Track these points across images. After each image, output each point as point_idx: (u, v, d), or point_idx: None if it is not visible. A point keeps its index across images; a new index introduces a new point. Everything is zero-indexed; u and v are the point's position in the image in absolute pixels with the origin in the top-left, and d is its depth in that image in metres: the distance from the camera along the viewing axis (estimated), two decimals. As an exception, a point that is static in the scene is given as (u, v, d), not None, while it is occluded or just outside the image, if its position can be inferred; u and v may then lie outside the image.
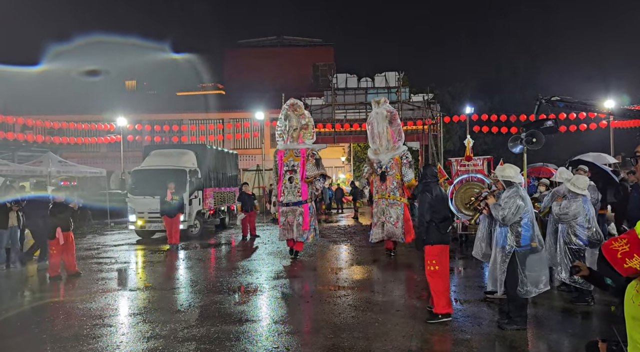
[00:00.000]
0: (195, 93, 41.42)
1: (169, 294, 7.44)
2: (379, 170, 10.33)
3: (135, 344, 5.15)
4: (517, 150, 9.13)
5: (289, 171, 10.37)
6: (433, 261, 5.70)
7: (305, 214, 10.21)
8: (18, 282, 8.82)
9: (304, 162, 10.35)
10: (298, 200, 10.23)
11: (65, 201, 8.92)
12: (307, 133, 10.58)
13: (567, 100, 9.74)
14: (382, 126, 10.32)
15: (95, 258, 10.92)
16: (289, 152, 10.51)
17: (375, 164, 10.49)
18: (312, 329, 5.54)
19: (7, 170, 15.12)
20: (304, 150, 10.43)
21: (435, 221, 5.64)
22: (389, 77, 26.27)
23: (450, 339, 5.27)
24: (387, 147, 10.33)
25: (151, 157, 14.99)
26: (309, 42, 42.78)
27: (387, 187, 10.20)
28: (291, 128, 10.51)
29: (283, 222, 10.31)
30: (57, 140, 20.91)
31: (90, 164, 25.15)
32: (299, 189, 10.26)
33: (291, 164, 10.40)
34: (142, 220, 13.66)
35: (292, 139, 10.51)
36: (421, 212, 5.72)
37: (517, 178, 5.55)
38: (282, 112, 10.75)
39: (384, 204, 10.22)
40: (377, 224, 10.31)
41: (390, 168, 10.23)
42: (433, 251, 5.71)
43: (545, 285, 5.38)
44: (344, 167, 35.06)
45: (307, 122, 10.56)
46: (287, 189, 10.32)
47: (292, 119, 10.55)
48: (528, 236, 5.37)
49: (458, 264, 9.48)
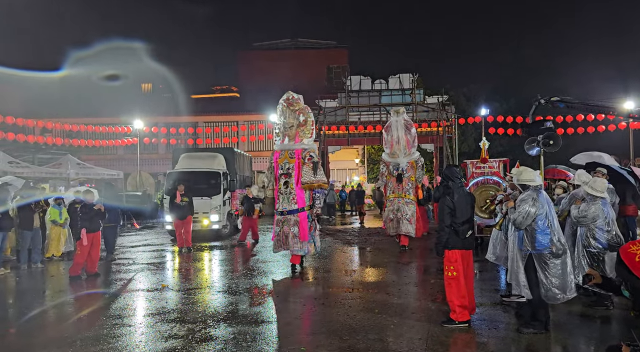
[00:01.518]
0: (210, 96, 41.84)
1: (186, 294, 7.53)
2: (395, 172, 11.47)
3: (155, 344, 5.24)
4: (534, 153, 9.05)
5: (284, 175, 9.17)
6: (451, 266, 5.59)
7: (302, 224, 8.99)
8: (39, 282, 9.02)
9: (299, 164, 9.11)
10: (293, 208, 9.02)
11: (92, 203, 9.09)
12: (305, 131, 9.30)
13: (567, 101, 9.53)
14: (400, 133, 11.50)
15: (113, 259, 11.09)
16: (284, 153, 9.32)
17: (392, 166, 11.61)
18: (327, 330, 5.56)
19: (27, 172, 15.45)
20: (299, 151, 9.17)
21: (454, 225, 5.52)
22: (403, 79, 26.18)
23: (466, 342, 5.25)
24: (404, 153, 11.49)
25: (184, 159, 15.41)
26: (323, 45, 42.92)
27: (402, 187, 11.35)
28: (287, 125, 9.35)
29: (277, 233, 9.20)
30: (75, 143, 21.31)
31: (107, 166, 25.58)
32: (294, 196, 9.03)
33: (286, 166, 9.19)
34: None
35: (289, 138, 9.34)
36: (441, 217, 5.59)
37: (534, 181, 5.49)
38: (278, 107, 9.60)
39: (400, 202, 11.36)
40: (393, 219, 11.42)
41: (407, 171, 11.41)
42: (452, 255, 5.59)
43: (573, 291, 5.29)
44: (357, 169, 35.05)
45: (305, 119, 9.34)
46: (282, 195, 9.13)
47: (289, 116, 9.39)
48: (545, 239, 5.30)
49: (474, 267, 9.40)
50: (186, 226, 12.19)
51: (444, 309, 6.09)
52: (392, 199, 11.53)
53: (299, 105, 9.36)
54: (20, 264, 10.07)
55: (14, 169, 14.93)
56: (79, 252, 8.79)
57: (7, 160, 15.17)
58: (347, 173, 35.32)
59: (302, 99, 9.53)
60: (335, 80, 36.60)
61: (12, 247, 10.74)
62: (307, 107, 9.42)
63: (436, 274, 8.52)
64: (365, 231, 16.25)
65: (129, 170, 26.83)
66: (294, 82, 34.33)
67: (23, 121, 17.21)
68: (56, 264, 10.59)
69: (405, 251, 11.35)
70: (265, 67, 38.57)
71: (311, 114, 9.44)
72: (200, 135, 27.12)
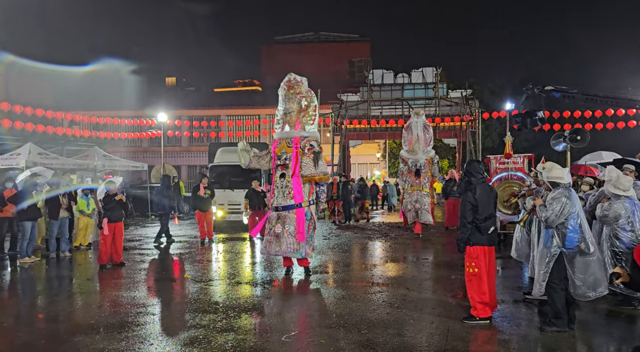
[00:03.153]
0: (233, 89, 42.19)
1: (208, 285, 7.66)
2: (413, 168, 12.89)
3: (177, 332, 5.36)
4: (560, 148, 8.86)
5: (281, 166, 8.21)
6: (472, 263, 5.52)
7: (299, 222, 7.97)
8: (67, 270, 9.29)
9: (297, 154, 8.09)
10: (290, 203, 8.00)
11: (115, 193, 9.29)
12: (306, 117, 8.29)
13: (564, 91, 9.08)
14: (419, 133, 12.90)
15: (137, 249, 11.35)
16: (282, 142, 8.33)
17: (410, 162, 12.98)
18: (346, 323, 5.59)
19: (56, 163, 15.86)
20: (297, 139, 8.12)
21: (476, 221, 5.44)
22: (426, 72, 25.86)
23: (487, 339, 5.21)
24: (422, 150, 12.89)
25: (221, 153, 15.88)
26: (345, 38, 42.70)
27: (420, 181, 12.86)
28: (288, 111, 8.32)
29: (268, 231, 8.22)
30: (102, 135, 21.77)
31: (132, 158, 26.09)
32: (291, 189, 8.05)
33: (283, 156, 8.22)
34: (223, 211, 14.51)
35: (288, 125, 8.32)
36: (462, 213, 5.50)
37: (564, 179, 5.38)
38: (279, 92, 8.59)
39: (418, 194, 12.85)
40: (411, 210, 12.92)
41: (424, 166, 12.88)
42: (473, 252, 5.51)
43: (604, 288, 5.21)
44: (379, 164, 34.88)
45: (307, 104, 8.32)
46: (278, 189, 8.16)
47: (288, 100, 8.36)
48: (575, 238, 5.20)
49: (496, 263, 9.29)
50: (208, 217, 12.37)
51: (465, 305, 6.04)
52: (410, 192, 12.99)
53: (300, 89, 8.33)
54: (49, 252, 10.38)
55: (44, 160, 15.34)
56: (102, 241, 9.03)
57: (37, 152, 15.59)
58: (368, 168, 35.18)
59: (306, 82, 8.48)
60: (358, 74, 36.41)
61: (42, 236, 11.10)
62: (310, 91, 8.43)
63: (457, 270, 8.44)
64: (385, 226, 16.19)
65: (153, 163, 27.32)
66: (316, 76, 34.36)
67: (52, 114, 17.65)
68: (83, 253, 10.90)
69: (419, 238, 12.67)
70: (288, 60, 38.58)
71: (314, 99, 8.47)
72: (222, 128, 27.38)
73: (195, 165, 33.93)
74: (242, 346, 4.88)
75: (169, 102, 30.17)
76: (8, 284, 8.36)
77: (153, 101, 28.38)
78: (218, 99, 38.00)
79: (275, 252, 8.15)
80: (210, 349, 4.81)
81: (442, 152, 32.28)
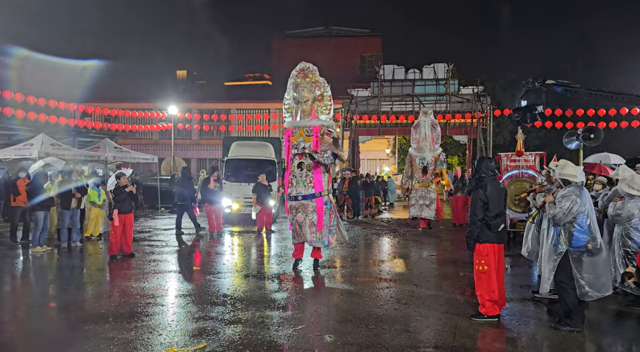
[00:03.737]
0: (243, 83, 42.26)
1: (216, 278, 7.71)
2: (421, 165, 13.52)
3: (185, 324, 5.41)
4: (573, 146, 8.77)
5: (298, 155, 8.12)
6: (482, 260, 5.48)
7: (319, 211, 7.98)
8: (78, 260, 9.41)
9: (317, 142, 8.01)
10: (310, 192, 7.99)
11: (126, 185, 9.36)
12: (321, 106, 8.30)
13: (566, 85, 8.83)
14: (427, 132, 13.54)
15: (147, 241, 11.45)
16: (298, 130, 8.22)
17: (418, 159, 13.63)
18: (354, 318, 5.60)
19: (68, 154, 16.03)
20: (317, 128, 8.10)
21: (487, 218, 5.39)
22: (437, 68, 25.64)
23: (495, 336, 5.19)
24: (430, 148, 13.53)
25: (236, 147, 16.02)
26: (356, 33, 42.49)
27: (427, 178, 13.46)
28: (302, 100, 8.21)
29: (291, 221, 8.24)
30: (113, 127, 21.92)
31: (142, 151, 26.26)
32: (312, 178, 7.99)
33: (301, 146, 8.13)
34: (239, 204, 14.59)
35: (303, 114, 8.24)
36: (473, 210, 5.46)
37: (577, 177, 5.31)
38: (290, 80, 8.51)
39: (423, 191, 13.45)
40: (416, 205, 13.55)
41: (431, 164, 13.52)
42: (483, 249, 5.47)
43: (607, 289, 5.16)
44: (388, 160, 34.77)
45: (322, 93, 8.32)
46: (296, 178, 8.08)
47: (303, 89, 8.24)
48: (583, 237, 5.15)
49: (505, 261, 9.24)
50: (217, 211, 12.42)
51: (473, 302, 6.02)
52: (417, 188, 13.61)
53: (316, 77, 8.28)
54: (61, 242, 10.52)
55: (56, 151, 15.51)
56: (112, 232, 9.12)
57: (50, 143, 15.75)
58: (377, 163, 35.10)
59: (318, 72, 8.43)
60: (368, 69, 36.24)
61: (54, 226, 11.24)
62: (324, 81, 8.40)
63: (465, 267, 8.41)
64: (394, 222, 16.16)
65: (163, 155, 27.51)
66: (326, 70, 34.28)
67: (65, 105, 17.80)
68: (94, 243, 11.02)
69: (425, 231, 13.28)
70: (298, 55, 38.25)
71: (328, 89, 8.40)
72: (232, 122, 27.44)
73: (205, 158, 34.07)
74: (250, 339, 4.91)
75: (179, 95, 30.30)
76: (20, 272, 8.48)
77: (164, 94, 28.52)
78: (228, 92, 38.08)
79: (301, 241, 8.19)
80: (218, 341, 4.85)
81: (452, 149, 32.09)
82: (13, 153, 15.37)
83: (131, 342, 4.79)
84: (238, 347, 4.67)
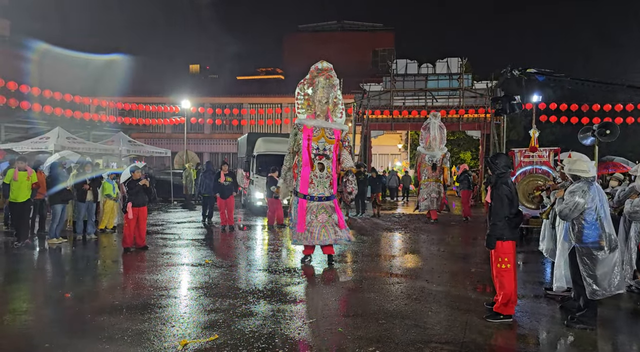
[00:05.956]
0: (255, 77, 42.33)
1: (228, 271, 7.78)
2: (430, 162, 14.89)
3: (198, 316, 5.47)
4: (588, 143, 8.65)
5: (319, 156, 8.26)
6: (505, 258, 5.34)
7: (338, 211, 8.42)
8: (93, 252, 9.56)
9: (337, 147, 8.41)
10: (330, 194, 8.27)
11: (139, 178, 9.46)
12: (337, 110, 8.53)
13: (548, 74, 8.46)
14: (436, 132, 14.99)
15: (160, 233, 11.59)
16: (319, 131, 8.31)
17: (428, 157, 14.96)
18: (364, 313, 5.62)
19: (83, 147, 16.27)
20: (338, 132, 8.42)
21: (510, 215, 5.26)
22: (451, 63, 25.41)
23: (506, 333, 5.16)
24: (438, 147, 14.96)
25: (263, 143, 16.67)
26: (369, 27, 42.30)
27: (436, 174, 14.86)
28: (323, 100, 8.33)
29: (309, 222, 8.16)
30: (127, 121, 22.18)
31: (155, 144, 26.52)
32: (332, 181, 8.30)
33: (322, 147, 8.29)
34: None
35: (322, 115, 8.37)
36: (498, 207, 5.28)
37: (587, 173, 5.24)
38: (308, 76, 8.47)
39: (433, 185, 14.84)
40: (427, 198, 14.80)
41: (439, 161, 14.90)
42: (506, 247, 5.33)
43: (619, 288, 5.06)
44: (400, 155, 34.62)
45: (337, 95, 8.56)
46: (317, 179, 8.21)
47: (324, 89, 8.35)
48: (593, 234, 5.07)
49: (518, 258, 9.17)
50: (229, 204, 12.49)
51: (484, 299, 6.00)
52: (427, 183, 14.93)
53: (335, 80, 8.44)
54: (76, 234, 10.69)
55: (71, 144, 15.74)
56: (126, 225, 9.24)
57: (65, 136, 16.00)
58: (389, 158, 34.97)
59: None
60: (381, 63, 36.08)
61: (70, 219, 11.41)
62: (338, 82, 8.69)
63: (477, 264, 8.37)
64: (406, 217, 16.12)
65: (176, 149, 27.72)
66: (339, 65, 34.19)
67: (80, 99, 18.05)
68: (108, 235, 11.18)
69: (435, 223, 14.21)
70: (311, 49, 38.44)
71: (340, 92, 8.73)
72: (244, 116, 27.54)
73: (218, 152, 34.28)
74: (261, 332, 4.96)
75: (192, 89, 30.45)
76: (37, 263, 8.65)
77: (177, 88, 28.69)
78: (241, 86, 38.19)
79: (323, 241, 8.18)
80: (230, 334, 4.90)
81: (465, 144, 31.82)
82: (30, 146, 15.64)
83: (144, 333, 4.87)
84: (249, 340, 4.72)
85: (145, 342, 4.64)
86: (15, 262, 8.41)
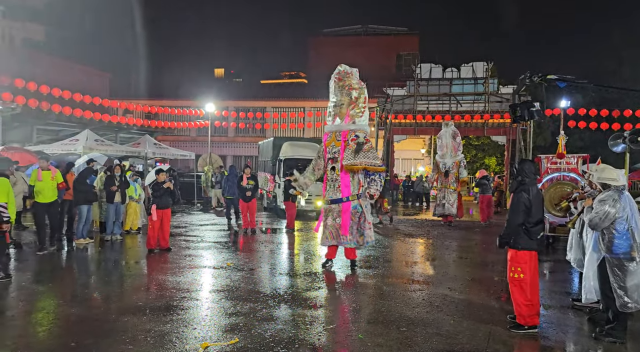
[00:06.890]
0: (279, 81, 42.62)
1: (249, 274, 7.83)
2: (443, 169, 15.12)
3: (219, 319, 5.52)
4: (619, 150, 8.39)
5: (331, 160, 8.36)
6: (518, 268, 5.24)
7: (344, 215, 8.13)
8: (118, 253, 9.75)
9: (344, 147, 8.20)
10: (337, 197, 8.21)
11: (164, 180, 9.63)
12: (356, 110, 8.26)
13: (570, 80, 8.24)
14: (448, 141, 15.19)
15: (183, 236, 11.75)
16: (331, 136, 8.44)
17: (441, 165, 15.29)
18: (385, 320, 5.56)
19: (110, 150, 16.63)
20: (345, 133, 8.23)
21: (527, 224, 5.16)
22: (476, 67, 25.05)
23: (530, 345, 5.04)
24: (451, 155, 15.16)
25: (290, 147, 16.87)
26: (393, 31, 42.10)
27: (449, 181, 15.02)
28: (338, 103, 8.38)
29: (324, 224, 8.46)
30: (153, 124, 22.61)
31: (180, 147, 26.92)
32: (339, 183, 8.23)
33: (333, 151, 8.36)
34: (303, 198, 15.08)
35: (339, 118, 8.36)
36: (513, 213, 5.21)
37: (617, 181, 5.09)
38: (330, 84, 8.63)
39: (446, 191, 15.05)
40: (440, 204, 15.09)
41: (452, 168, 15.04)
42: (521, 257, 5.22)
43: None
44: (423, 160, 34.28)
45: (357, 96, 8.28)
46: (329, 182, 8.38)
47: (339, 93, 8.41)
48: (624, 244, 4.93)
49: (543, 267, 8.97)
50: (251, 208, 12.57)
51: (508, 308, 5.87)
52: (440, 189, 15.29)
53: (350, 81, 8.31)
54: (104, 235, 10.92)
55: (99, 146, 16.12)
56: (150, 227, 9.40)
57: (94, 138, 16.39)
58: (412, 163, 34.67)
59: (357, 73, 8.48)
60: (405, 67, 35.85)
61: (96, 220, 11.67)
62: (361, 83, 8.39)
63: (500, 272, 8.20)
64: (428, 223, 15.95)
65: (200, 152, 28.11)
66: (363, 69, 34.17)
67: (108, 102, 18.51)
68: (133, 237, 11.40)
69: (450, 226, 14.71)
70: (335, 53, 38.50)
71: (365, 91, 8.38)
72: (267, 120, 27.73)
73: (241, 155, 34.61)
74: (281, 336, 4.96)
75: (217, 93, 30.86)
76: (65, 263, 8.88)
77: (202, 92, 29.11)
78: (264, 90, 38.53)
79: (338, 242, 8.33)
80: (250, 337, 4.92)
81: (490, 150, 31.31)
82: (59, 148, 16.07)
83: (167, 335, 4.93)
84: (269, 345, 4.73)
85: (167, 344, 4.70)
86: (42, 262, 8.64)
